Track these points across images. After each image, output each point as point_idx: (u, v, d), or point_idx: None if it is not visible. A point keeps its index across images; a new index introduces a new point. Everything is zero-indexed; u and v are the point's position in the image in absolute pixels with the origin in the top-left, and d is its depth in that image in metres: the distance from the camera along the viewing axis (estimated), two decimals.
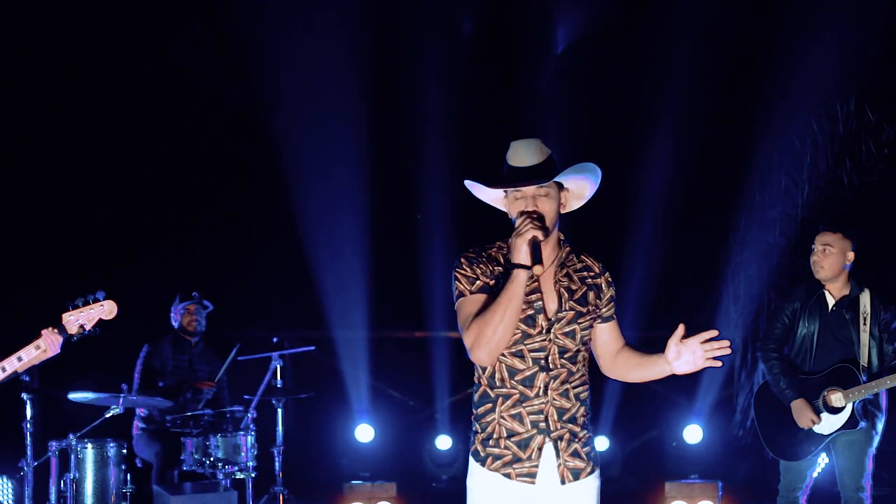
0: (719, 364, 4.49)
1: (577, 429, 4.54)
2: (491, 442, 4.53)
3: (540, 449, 4.48)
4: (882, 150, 10.89)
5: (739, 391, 11.07)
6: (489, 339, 4.36)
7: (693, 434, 10.40)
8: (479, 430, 4.58)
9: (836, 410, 7.11)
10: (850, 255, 7.20)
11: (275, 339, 9.64)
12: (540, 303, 4.51)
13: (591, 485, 4.57)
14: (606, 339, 4.72)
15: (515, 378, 4.49)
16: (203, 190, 11.83)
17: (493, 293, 4.44)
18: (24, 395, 8.42)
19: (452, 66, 12.13)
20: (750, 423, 9.94)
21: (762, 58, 11.08)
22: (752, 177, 11.20)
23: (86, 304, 5.64)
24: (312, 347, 9.95)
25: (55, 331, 5.74)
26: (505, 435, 4.50)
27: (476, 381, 4.62)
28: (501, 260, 4.57)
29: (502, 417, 4.50)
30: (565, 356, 4.51)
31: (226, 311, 10.21)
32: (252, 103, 11.48)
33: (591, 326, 4.61)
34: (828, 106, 11.00)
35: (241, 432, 8.85)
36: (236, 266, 11.89)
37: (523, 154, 4.53)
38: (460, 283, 4.54)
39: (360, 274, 11.52)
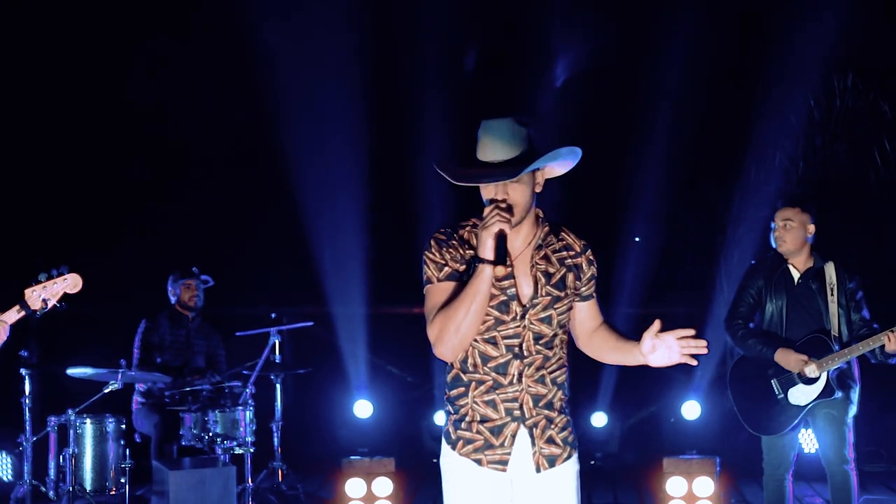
0: (695, 362, 4.47)
1: (554, 414, 4.44)
2: (463, 425, 4.41)
3: (514, 436, 4.37)
4: (879, 126, 10.90)
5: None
6: (451, 336, 4.23)
7: (691, 410, 10.44)
8: (452, 412, 4.46)
9: (811, 381, 7.14)
10: (811, 228, 7.27)
11: (273, 315, 9.66)
12: (513, 289, 4.34)
13: (568, 470, 4.46)
14: (584, 316, 4.57)
15: (488, 365, 4.35)
16: (201, 165, 11.83)
17: (461, 280, 4.29)
18: (23, 371, 8.46)
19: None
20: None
21: (759, 34, 11.07)
22: (748, 153, 11.21)
23: (49, 278, 5.58)
24: (311, 323, 9.96)
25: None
26: (478, 419, 4.38)
27: (447, 363, 4.46)
28: (474, 241, 4.35)
29: (475, 402, 4.38)
30: (541, 342, 4.37)
31: (224, 287, 10.21)
32: (251, 79, 11.47)
33: (569, 309, 4.46)
34: (825, 82, 11.00)
35: (240, 408, 8.87)
36: (235, 241, 11.90)
37: (494, 144, 4.27)
38: (428, 268, 4.37)
39: (358, 249, 11.52)
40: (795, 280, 7.27)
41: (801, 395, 7.18)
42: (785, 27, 10.86)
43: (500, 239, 4.15)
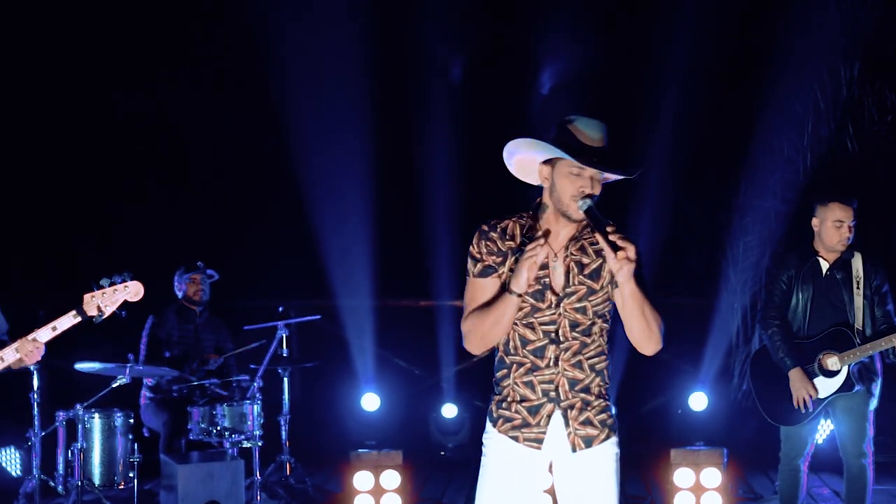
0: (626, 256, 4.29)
1: (591, 398, 4.61)
2: (504, 404, 4.61)
3: (549, 416, 4.56)
4: (885, 116, 10.88)
5: (737, 355, 11.10)
6: (477, 340, 4.52)
7: (698, 401, 10.42)
8: (497, 393, 4.66)
9: (831, 374, 7.14)
10: None
11: (280, 309, 9.68)
12: (547, 279, 4.51)
13: (606, 451, 4.66)
14: (620, 304, 4.54)
15: (527, 348, 4.54)
16: (207, 159, 11.84)
17: (497, 275, 4.51)
18: (31, 366, 8.46)
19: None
20: (746, 387, 9.96)
21: (766, 22, 11.04)
22: (753, 142, 11.19)
23: (111, 284, 5.55)
24: (318, 316, 9.97)
25: (34, 340, 5.65)
26: (518, 399, 4.58)
27: (494, 347, 4.64)
28: (517, 233, 4.55)
29: (516, 384, 4.57)
30: (577, 329, 4.53)
31: (232, 281, 10.22)
32: (255, 70, 11.46)
33: (606, 301, 4.58)
34: (831, 72, 10.97)
35: (248, 401, 8.88)
36: (242, 235, 11.91)
37: (597, 136, 4.45)
38: (469, 260, 4.59)
39: (365, 242, 11.52)
40: (823, 272, 7.25)
41: (821, 387, 7.18)
42: (790, 16, 10.84)
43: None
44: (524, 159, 4.60)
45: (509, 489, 4.59)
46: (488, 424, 4.69)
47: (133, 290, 5.56)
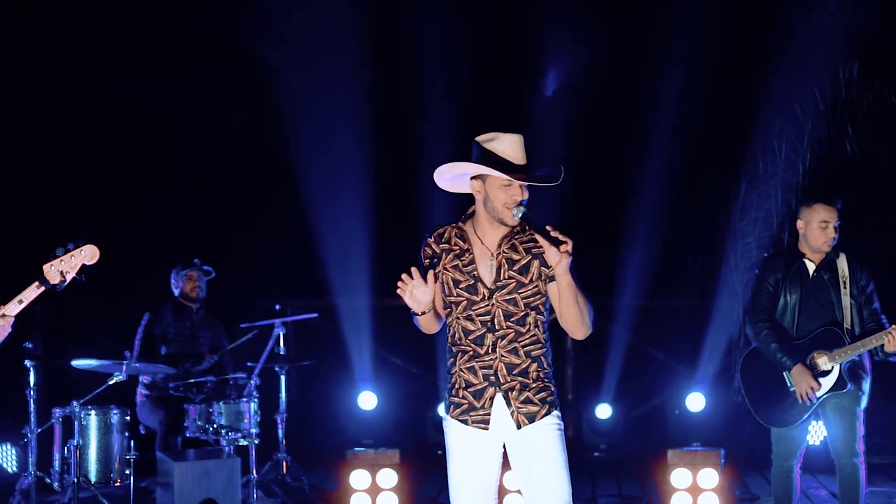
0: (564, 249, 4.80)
1: (529, 381, 5.06)
2: (453, 391, 5.15)
3: (492, 399, 5.06)
4: (884, 118, 10.87)
5: (736, 357, 11.10)
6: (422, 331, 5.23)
7: (695, 402, 10.41)
8: (448, 380, 5.19)
9: (823, 374, 7.14)
10: None
11: (277, 307, 9.67)
12: (476, 273, 5.07)
13: (549, 423, 5.06)
14: (554, 294, 5.05)
15: (469, 337, 5.08)
16: (205, 157, 11.82)
17: (436, 270, 5.14)
18: (28, 363, 8.46)
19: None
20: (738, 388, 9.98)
21: (764, 23, 11.04)
22: (753, 144, 11.19)
23: (66, 251, 5.61)
24: (315, 315, 9.97)
25: (3, 316, 5.70)
26: (464, 385, 5.10)
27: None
28: (452, 239, 5.17)
29: (461, 370, 5.12)
30: (511, 319, 5.04)
31: (229, 279, 10.22)
32: (254, 69, 11.45)
33: (536, 294, 5.07)
34: (830, 73, 10.97)
35: (245, 399, 8.87)
36: (239, 233, 11.91)
37: (517, 151, 4.98)
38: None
39: (363, 241, 11.52)
40: (810, 273, 7.26)
41: None
42: (790, 16, 10.83)
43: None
44: (456, 177, 5.14)
45: (467, 469, 5.13)
46: (444, 412, 5.25)
47: (89, 253, 5.66)
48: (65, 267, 5.62)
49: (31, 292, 5.64)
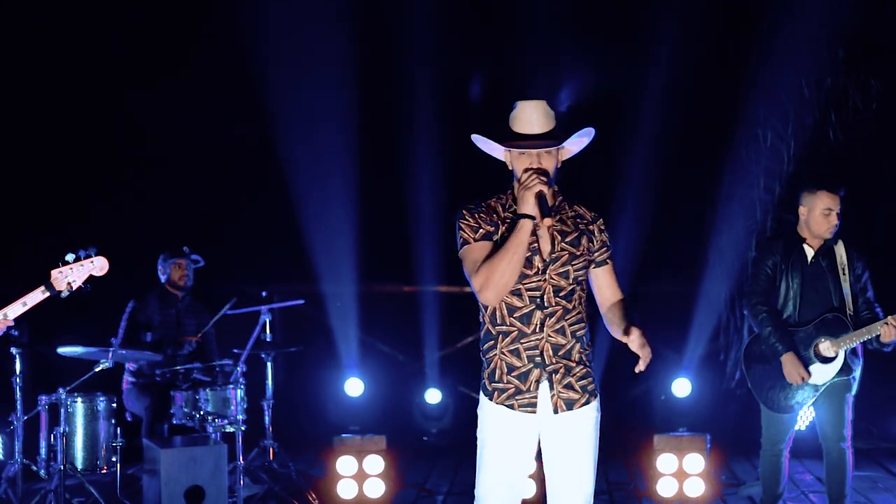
0: (641, 368, 4.96)
1: (573, 364, 4.97)
2: (495, 377, 4.98)
3: (538, 382, 4.93)
4: (869, 105, 10.89)
5: (730, 343, 11.13)
6: (496, 281, 4.76)
7: (682, 387, 10.45)
8: (486, 366, 5.03)
9: (828, 360, 7.17)
10: None
11: (264, 294, 9.66)
12: (535, 245, 4.89)
13: (586, 414, 5.05)
14: (600, 283, 5.10)
15: (514, 315, 4.91)
16: (191, 145, 11.80)
17: (494, 240, 4.89)
18: (13, 350, 8.44)
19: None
20: (740, 375, 10.00)
21: (749, 11, 11.04)
22: (737, 131, 11.20)
23: (76, 260, 5.63)
24: (302, 301, 9.97)
25: (4, 317, 5.71)
26: (506, 370, 4.95)
27: (480, 320, 5.05)
28: (500, 210, 4.98)
29: (503, 353, 4.95)
30: (560, 294, 4.91)
31: (215, 266, 10.21)
32: (238, 55, 11.42)
33: (585, 268, 4.99)
34: (815, 60, 10.97)
35: (231, 386, 8.87)
36: (225, 220, 11.88)
37: (532, 118, 4.92)
38: (464, 231, 4.95)
39: (349, 228, 11.52)
40: (809, 259, 7.29)
41: (818, 374, 7.21)
42: (774, 4, 10.83)
43: (542, 198, 4.76)
44: (492, 150, 5.08)
45: (511, 456, 4.98)
46: (483, 398, 5.06)
47: (98, 265, 5.69)
48: (73, 276, 5.64)
49: (36, 296, 5.66)
